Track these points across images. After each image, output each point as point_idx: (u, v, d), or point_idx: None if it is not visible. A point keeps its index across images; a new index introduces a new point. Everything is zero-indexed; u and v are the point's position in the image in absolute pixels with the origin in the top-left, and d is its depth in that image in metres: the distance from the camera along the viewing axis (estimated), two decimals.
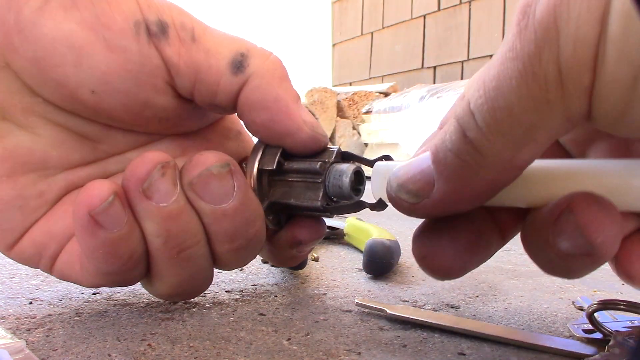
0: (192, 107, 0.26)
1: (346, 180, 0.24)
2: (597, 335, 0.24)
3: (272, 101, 0.24)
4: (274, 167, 0.25)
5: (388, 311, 0.27)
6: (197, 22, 0.25)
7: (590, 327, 0.25)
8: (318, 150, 0.26)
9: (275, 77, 0.24)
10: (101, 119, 0.25)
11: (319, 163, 0.25)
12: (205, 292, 0.32)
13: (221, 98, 0.25)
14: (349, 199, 0.25)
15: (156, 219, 0.22)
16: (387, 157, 0.25)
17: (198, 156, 0.23)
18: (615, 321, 0.25)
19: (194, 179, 0.23)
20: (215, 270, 0.38)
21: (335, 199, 0.25)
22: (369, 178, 0.25)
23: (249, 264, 0.40)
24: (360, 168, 0.25)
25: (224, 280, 0.35)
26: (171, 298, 0.28)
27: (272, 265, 0.38)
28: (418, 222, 0.23)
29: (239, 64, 0.24)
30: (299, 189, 0.26)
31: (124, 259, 0.23)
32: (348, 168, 0.25)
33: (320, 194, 0.25)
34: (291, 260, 0.30)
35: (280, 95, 0.24)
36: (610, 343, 0.22)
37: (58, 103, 0.24)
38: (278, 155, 0.25)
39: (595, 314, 0.24)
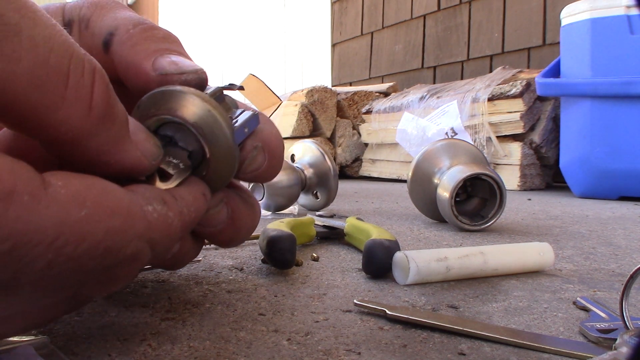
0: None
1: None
2: (614, 335, 0.24)
3: (125, 69, 0.24)
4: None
5: (388, 311, 0.27)
6: (99, 11, 0.25)
7: (605, 326, 0.25)
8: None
9: (128, 46, 0.24)
10: None
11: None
12: (206, 292, 0.32)
13: (110, 74, 0.25)
14: None
15: None
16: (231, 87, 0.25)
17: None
18: None
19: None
20: (216, 270, 0.38)
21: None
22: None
23: (250, 264, 0.40)
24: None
25: (224, 280, 0.35)
26: None
27: (270, 265, 0.38)
28: (419, 223, 0.23)
29: (107, 42, 0.24)
30: None
31: None
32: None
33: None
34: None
35: (130, 60, 0.24)
36: (617, 342, 0.22)
37: None
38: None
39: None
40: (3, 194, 0.14)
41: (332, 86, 2.24)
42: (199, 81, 0.24)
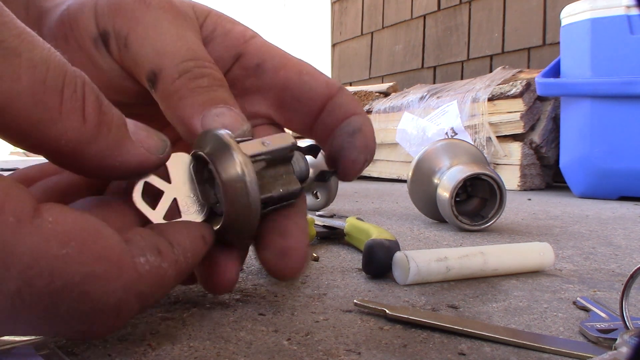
0: None
1: (303, 162, 0.25)
2: (614, 335, 0.24)
3: (175, 122, 0.25)
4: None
5: (388, 311, 0.27)
6: (135, 26, 0.25)
7: (605, 326, 0.25)
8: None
9: (175, 99, 0.24)
10: None
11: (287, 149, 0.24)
12: (206, 292, 0.32)
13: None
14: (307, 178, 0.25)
15: None
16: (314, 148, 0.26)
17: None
18: None
19: None
20: None
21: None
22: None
23: (250, 264, 0.40)
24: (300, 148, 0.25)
25: None
26: None
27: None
28: (419, 223, 0.23)
29: (151, 84, 0.25)
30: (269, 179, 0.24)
31: None
32: (298, 152, 0.25)
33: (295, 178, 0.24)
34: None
35: (179, 115, 0.24)
36: (617, 342, 0.22)
37: None
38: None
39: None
40: None
41: None
42: (243, 136, 0.24)
